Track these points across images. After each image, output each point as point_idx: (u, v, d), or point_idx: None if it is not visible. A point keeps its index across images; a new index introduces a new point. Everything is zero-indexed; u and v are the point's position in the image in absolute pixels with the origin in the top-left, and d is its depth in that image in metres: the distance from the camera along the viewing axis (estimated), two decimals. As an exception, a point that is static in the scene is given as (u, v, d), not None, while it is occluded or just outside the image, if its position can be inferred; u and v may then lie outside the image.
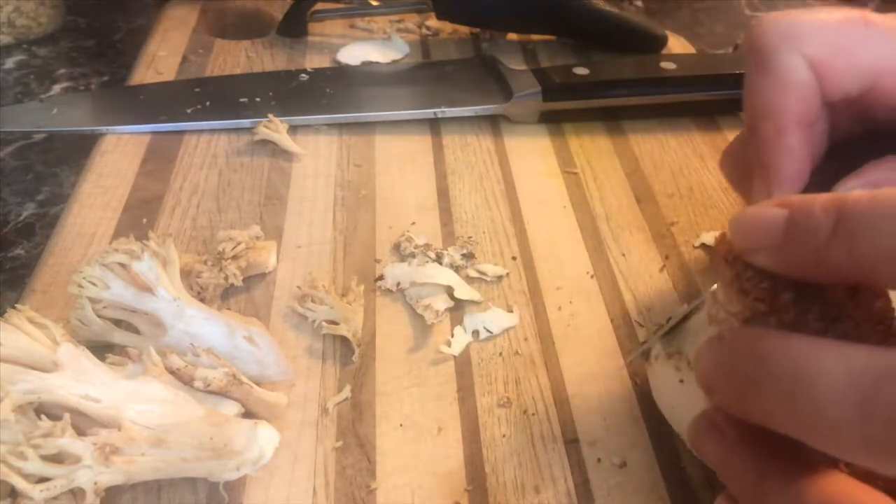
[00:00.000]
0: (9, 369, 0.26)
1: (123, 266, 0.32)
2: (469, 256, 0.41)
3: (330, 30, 0.63)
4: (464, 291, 0.38)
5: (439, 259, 0.40)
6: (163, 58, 0.57)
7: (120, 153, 0.47)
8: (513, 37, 0.64)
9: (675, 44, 0.62)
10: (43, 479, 0.25)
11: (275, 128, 0.48)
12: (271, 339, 0.33)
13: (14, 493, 0.25)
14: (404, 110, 0.51)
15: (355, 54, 0.59)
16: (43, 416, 0.26)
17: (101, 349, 0.32)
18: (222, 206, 0.43)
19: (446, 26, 0.64)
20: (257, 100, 0.51)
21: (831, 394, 0.19)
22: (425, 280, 0.38)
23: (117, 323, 0.33)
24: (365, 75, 0.56)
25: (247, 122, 0.49)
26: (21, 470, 0.25)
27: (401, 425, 0.32)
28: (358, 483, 0.30)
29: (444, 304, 0.38)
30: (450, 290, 0.38)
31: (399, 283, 0.39)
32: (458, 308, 0.38)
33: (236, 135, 0.49)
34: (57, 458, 0.26)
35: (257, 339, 0.33)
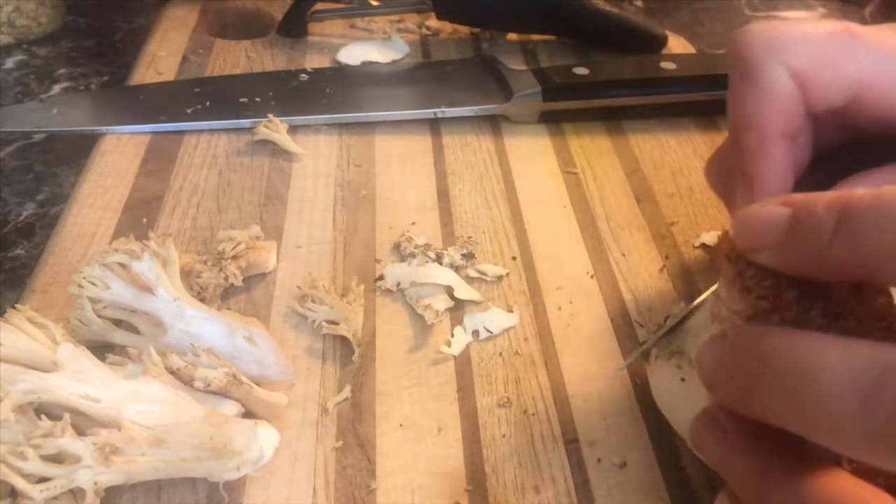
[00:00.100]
0: (9, 369, 0.26)
1: (123, 266, 0.32)
2: (469, 256, 0.41)
3: (330, 30, 0.63)
4: (464, 291, 0.38)
5: (439, 259, 0.40)
6: (163, 58, 0.57)
7: (120, 153, 0.47)
8: (513, 37, 0.64)
9: (675, 44, 0.62)
10: (43, 479, 0.25)
11: (275, 128, 0.48)
12: (271, 339, 0.33)
13: (14, 493, 0.25)
14: (404, 110, 0.51)
15: (355, 54, 0.59)
16: (43, 416, 0.26)
17: (101, 349, 0.32)
18: (222, 206, 0.43)
19: (446, 26, 0.64)
20: (257, 100, 0.51)
21: (834, 389, 0.19)
22: (425, 280, 0.38)
23: (117, 323, 0.33)
24: (365, 75, 0.56)
25: (247, 122, 0.49)
26: (21, 470, 0.25)
27: (401, 425, 0.32)
28: (358, 483, 0.30)
29: (444, 304, 0.38)
30: (450, 290, 0.38)
31: (399, 283, 0.39)
32: (458, 308, 0.38)
33: (236, 135, 0.49)
34: (57, 458, 0.26)
35: (257, 339, 0.33)
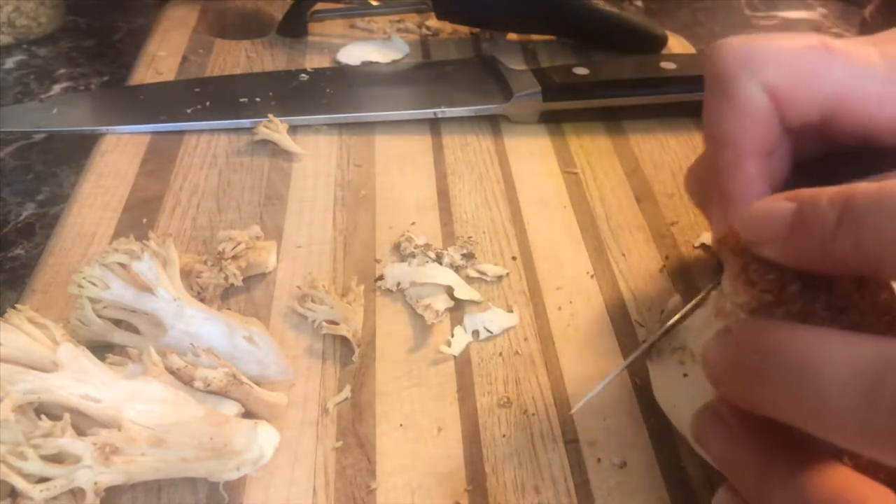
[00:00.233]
0: (9, 369, 0.26)
1: (123, 266, 0.32)
2: (469, 256, 0.41)
3: (330, 30, 0.63)
4: (464, 291, 0.38)
5: (439, 259, 0.40)
6: (163, 58, 0.57)
7: (120, 153, 0.47)
8: (513, 37, 0.63)
9: (675, 44, 0.62)
10: (43, 479, 0.25)
11: (275, 128, 0.48)
12: (271, 339, 0.33)
13: (14, 493, 0.25)
14: (404, 110, 0.51)
15: (355, 54, 0.59)
16: (43, 416, 0.26)
17: (101, 349, 0.32)
18: (222, 206, 0.43)
19: (446, 26, 0.64)
20: (257, 100, 0.51)
21: (836, 384, 0.19)
22: (425, 280, 0.38)
23: (117, 323, 0.33)
24: (365, 75, 0.56)
25: (247, 122, 0.49)
26: (21, 470, 0.25)
27: (401, 425, 0.32)
28: (358, 483, 0.30)
29: (444, 304, 0.38)
30: (450, 290, 0.38)
31: (399, 283, 0.39)
32: (458, 308, 0.38)
33: (236, 135, 0.49)
34: (57, 458, 0.26)
35: (257, 339, 0.33)
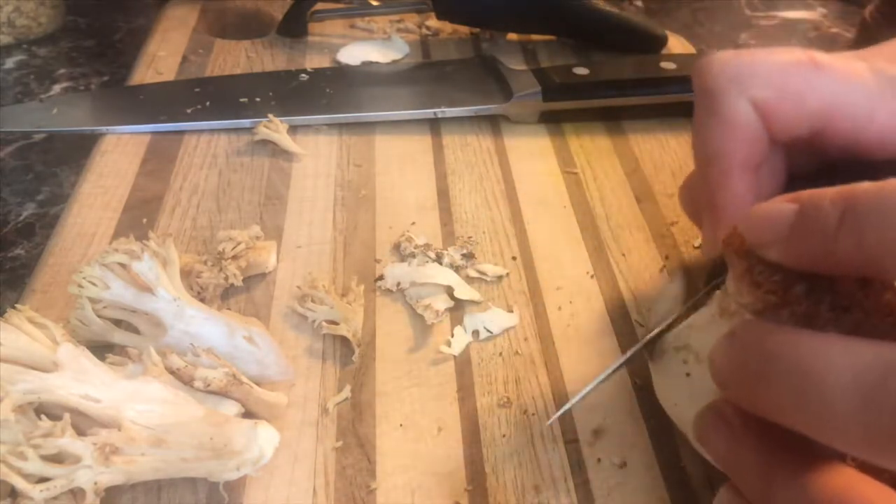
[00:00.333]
0: (9, 369, 0.26)
1: (123, 266, 0.32)
2: (469, 256, 0.41)
3: (330, 30, 0.63)
4: (464, 291, 0.38)
5: (439, 259, 0.40)
6: (163, 58, 0.57)
7: (120, 153, 0.47)
8: (513, 37, 0.63)
9: (675, 44, 0.62)
10: (43, 479, 0.25)
11: (275, 128, 0.48)
12: (271, 339, 0.33)
13: (14, 493, 0.25)
14: (404, 110, 0.51)
15: (355, 54, 0.59)
16: (43, 416, 0.26)
17: (101, 349, 0.32)
18: (222, 206, 0.43)
19: (446, 26, 0.64)
20: (257, 100, 0.51)
21: (838, 389, 0.19)
22: (425, 280, 0.38)
23: (117, 323, 0.33)
24: (365, 75, 0.56)
25: (247, 122, 0.49)
26: (21, 470, 0.25)
27: (401, 425, 0.32)
28: (358, 483, 0.30)
29: (444, 304, 0.38)
30: (450, 290, 0.38)
31: (399, 283, 0.39)
32: (458, 308, 0.38)
33: (236, 135, 0.49)
34: (57, 458, 0.26)
35: (257, 339, 0.33)
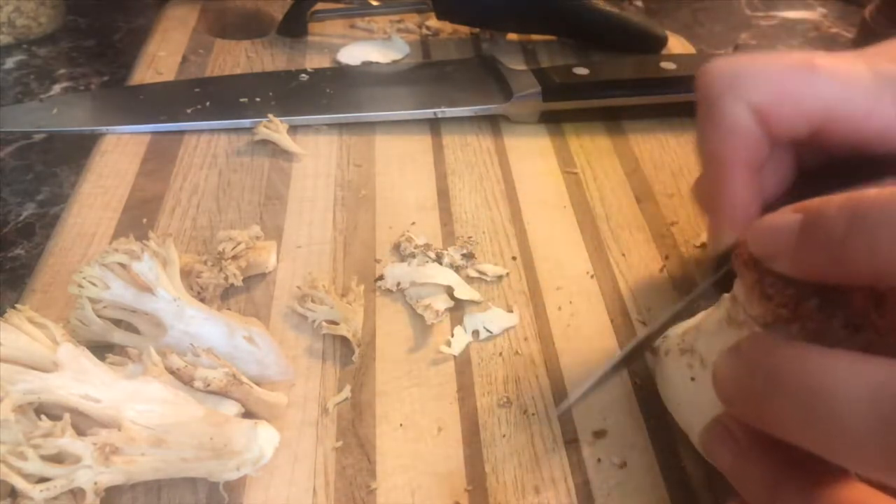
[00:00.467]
0: (9, 369, 0.26)
1: (123, 266, 0.32)
2: (469, 256, 0.41)
3: (330, 30, 0.63)
4: (464, 291, 0.38)
5: (439, 259, 0.40)
6: (163, 58, 0.57)
7: (120, 153, 0.47)
8: (513, 37, 0.63)
9: (675, 44, 0.62)
10: (43, 479, 0.25)
11: (275, 128, 0.48)
12: (271, 339, 0.33)
13: (14, 493, 0.25)
14: (404, 110, 0.51)
15: (355, 54, 0.59)
16: (43, 416, 0.26)
17: (101, 349, 0.32)
18: (222, 206, 0.43)
19: (446, 26, 0.64)
20: (257, 100, 0.51)
21: (851, 408, 0.19)
22: (425, 280, 0.38)
23: (117, 323, 0.33)
24: (365, 75, 0.56)
25: (247, 122, 0.49)
26: (21, 470, 0.25)
27: (401, 425, 0.32)
28: (358, 483, 0.30)
29: (444, 304, 0.38)
30: (450, 290, 0.38)
31: (399, 283, 0.39)
32: (458, 308, 0.38)
33: (236, 135, 0.49)
34: (57, 458, 0.26)
35: (257, 339, 0.33)
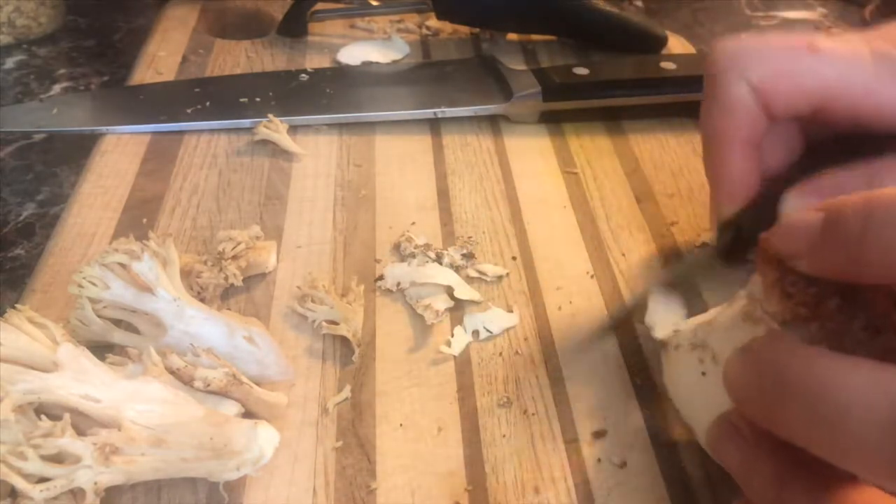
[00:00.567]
0: (9, 369, 0.26)
1: (123, 266, 0.32)
2: (469, 256, 0.41)
3: (330, 30, 0.63)
4: (464, 291, 0.38)
5: (439, 259, 0.40)
6: (163, 58, 0.57)
7: (120, 153, 0.47)
8: (513, 37, 0.63)
9: (675, 44, 0.62)
10: (43, 479, 0.25)
11: (275, 128, 0.48)
12: (271, 339, 0.33)
13: (14, 493, 0.25)
14: (404, 110, 0.51)
15: (355, 54, 0.59)
16: (43, 416, 0.26)
17: (101, 349, 0.32)
18: (222, 206, 0.43)
19: (446, 26, 0.64)
20: (257, 100, 0.51)
21: (865, 417, 0.18)
22: (425, 280, 0.38)
23: (117, 323, 0.33)
24: (365, 75, 0.56)
25: (247, 122, 0.49)
26: (21, 470, 0.25)
27: (401, 425, 0.32)
28: (358, 483, 0.30)
29: (444, 304, 0.38)
30: (450, 290, 0.38)
31: (399, 283, 0.39)
32: (458, 308, 0.38)
33: (236, 135, 0.49)
34: (57, 458, 0.26)
35: (257, 339, 0.33)
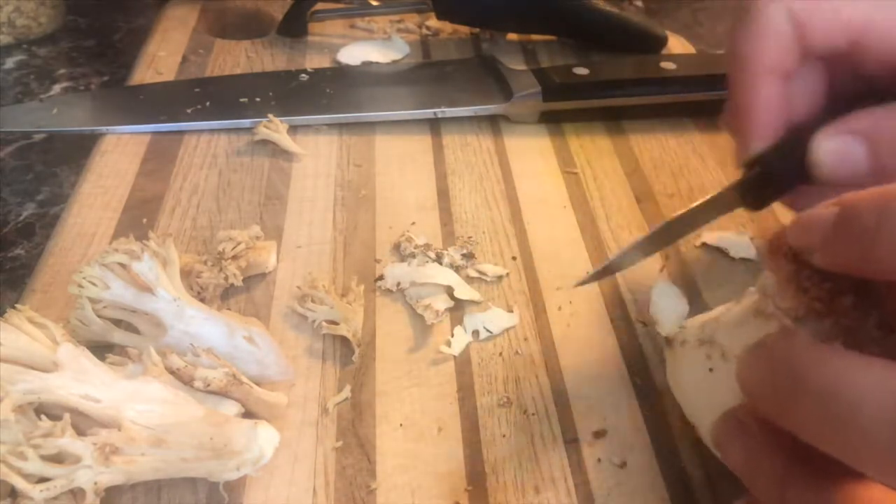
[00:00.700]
0: (9, 369, 0.26)
1: (123, 266, 0.32)
2: (469, 256, 0.41)
3: (330, 30, 0.63)
4: (464, 291, 0.38)
5: (439, 259, 0.40)
6: (163, 58, 0.57)
7: (120, 153, 0.47)
8: (513, 37, 0.63)
9: (675, 44, 0.62)
10: (43, 479, 0.25)
11: (275, 128, 0.48)
12: (271, 339, 0.33)
13: (14, 493, 0.25)
14: (404, 110, 0.51)
15: (355, 54, 0.59)
16: (43, 416, 0.26)
17: (101, 349, 0.32)
18: (222, 206, 0.43)
19: (446, 26, 0.64)
20: (257, 100, 0.51)
21: (878, 416, 0.18)
22: (425, 280, 0.38)
23: (117, 323, 0.33)
24: (365, 75, 0.56)
25: (247, 122, 0.49)
26: (21, 470, 0.25)
27: (401, 425, 0.32)
28: (358, 483, 0.30)
29: (444, 304, 0.38)
30: (450, 290, 0.38)
31: (399, 283, 0.39)
32: (458, 308, 0.38)
33: (236, 135, 0.49)
34: (57, 458, 0.26)
35: (257, 339, 0.33)
